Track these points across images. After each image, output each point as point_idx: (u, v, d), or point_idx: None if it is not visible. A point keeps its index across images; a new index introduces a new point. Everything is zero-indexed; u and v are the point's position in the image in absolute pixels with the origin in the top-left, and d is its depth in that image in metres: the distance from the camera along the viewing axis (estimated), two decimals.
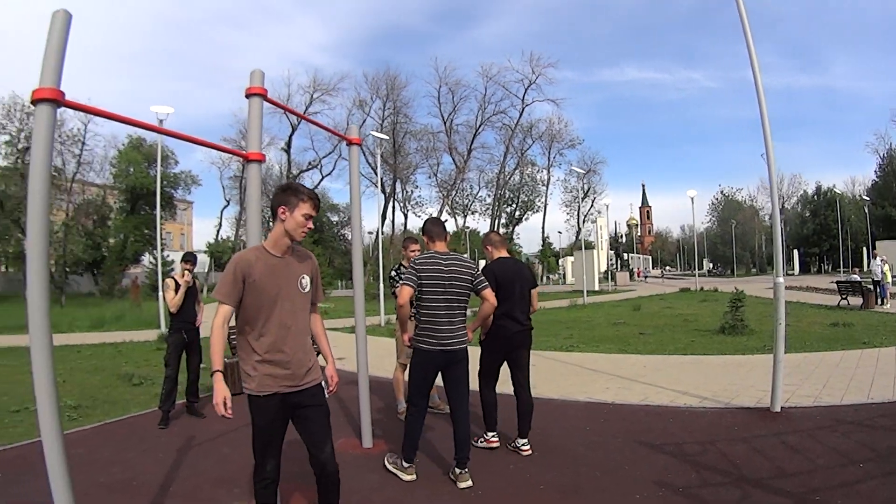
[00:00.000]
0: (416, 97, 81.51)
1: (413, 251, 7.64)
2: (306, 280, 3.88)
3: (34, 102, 3.02)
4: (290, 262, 3.81)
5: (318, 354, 4.05)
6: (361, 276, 6.62)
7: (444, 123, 55.47)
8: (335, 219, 76.96)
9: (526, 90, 53.43)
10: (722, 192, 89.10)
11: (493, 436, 6.36)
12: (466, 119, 58.17)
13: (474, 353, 5.74)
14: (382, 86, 55.67)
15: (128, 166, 48.09)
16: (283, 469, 3.93)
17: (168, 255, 45.81)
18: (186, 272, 8.15)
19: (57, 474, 3.10)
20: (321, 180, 61.73)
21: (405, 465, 5.39)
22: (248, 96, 4.54)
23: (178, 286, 8.05)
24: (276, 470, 3.83)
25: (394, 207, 60.29)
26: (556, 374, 10.28)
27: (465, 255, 6.75)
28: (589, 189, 70.30)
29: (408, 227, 70.29)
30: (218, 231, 67.09)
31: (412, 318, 5.60)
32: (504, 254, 6.51)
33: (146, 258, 50.89)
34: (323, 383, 3.98)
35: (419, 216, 69.45)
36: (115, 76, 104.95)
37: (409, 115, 56.64)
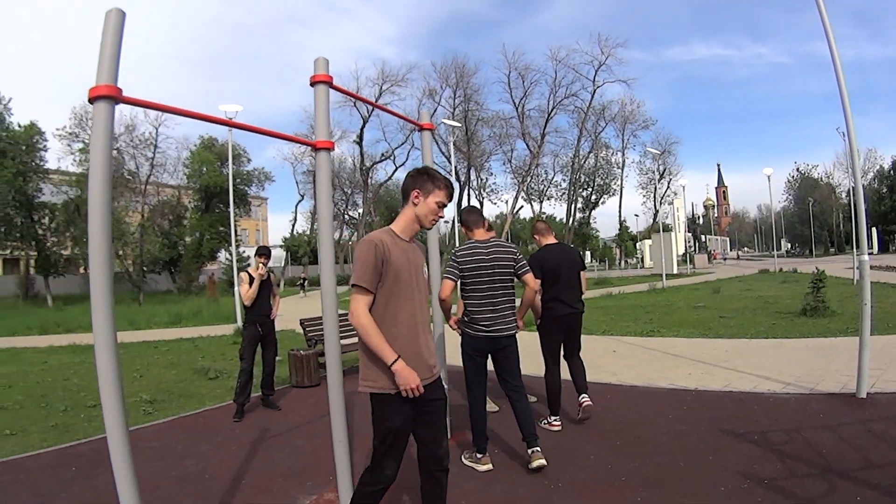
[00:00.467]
0: (486, 84, 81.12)
1: None
2: (426, 269, 3.72)
3: (92, 100, 2.97)
4: (416, 249, 3.66)
5: None
6: (438, 264, 6.29)
7: (516, 109, 54.65)
8: None
9: (596, 72, 52.33)
10: (798, 170, 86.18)
11: (555, 419, 6.55)
12: (538, 104, 57.29)
13: (525, 339, 5.90)
14: (452, 74, 55.28)
15: (200, 166, 48.75)
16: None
17: (244, 251, 46.82)
18: (261, 265, 8.18)
19: (121, 468, 2.95)
20: (394, 171, 61.65)
21: (479, 455, 5.40)
22: (313, 84, 4.37)
23: (251, 280, 8.06)
24: (396, 472, 3.49)
25: (468, 196, 60.01)
26: (639, 360, 10.23)
27: (506, 241, 6.71)
28: (664, 170, 68.75)
29: (484, 215, 70.12)
30: (293, 225, 67.76)
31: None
32: (551, 240, 6.80)
33: (222, 255, 52.07)
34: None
35: (495, 203, 69.41)
36: (190, 78, 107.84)
37: (479, 102, 56.08)
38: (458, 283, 5.46)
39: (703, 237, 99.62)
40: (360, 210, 62.26)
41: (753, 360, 9.45)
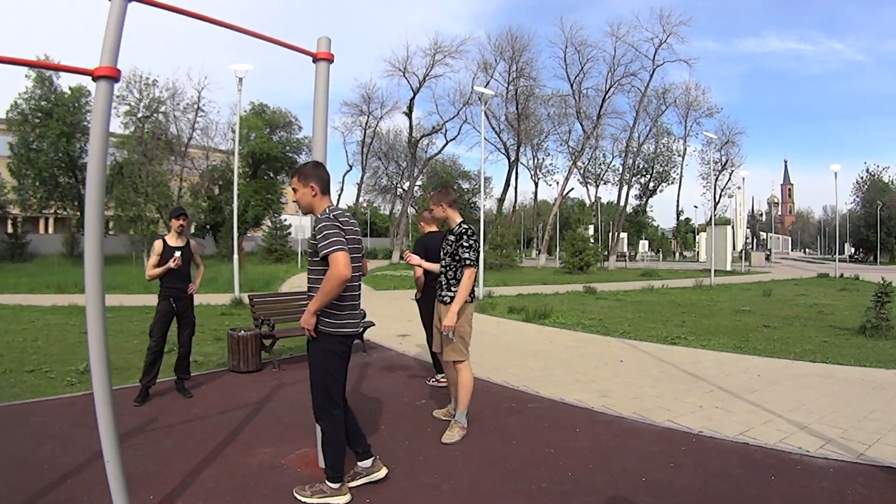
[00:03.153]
0: (540, 59, 78.03)
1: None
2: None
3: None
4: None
5: None
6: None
7: (571, 86, 51.63)
8: (466, 186, 75.26)
9: (657, 50, 48.63)
10: (868, 171, 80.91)
11: (441, 376, 7.40)
12: (595, 82, 54.37)
13: None
14: (507, 48, 52.50)
15: (248, 132, 48.17)
16: None
17: (285, 219, 46.04)
18: (180, 228, 7.18)
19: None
20: (445, 145, 59.17)
21: (334, 486, 4.32)
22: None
23: (165, 250, 6.99)
24: None
25: (517, 174, 57.50)
26: (644, 378, 8.16)
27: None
28: (727, 161, 64.61)
29: (538, 196, 67.96)
30: (339, 195, 66.42)
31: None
32: (433, 228, 7.62)
33: (266, 221, 51.78)
34: None
35: (550, 185, 67.00)
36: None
37: (534, 78, 52.76)
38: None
39: (763, 234, 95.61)
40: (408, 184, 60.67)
41: (790, 394, 7.26)
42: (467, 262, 5.58)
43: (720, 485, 4.51)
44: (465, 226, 5.80)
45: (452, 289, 5.72)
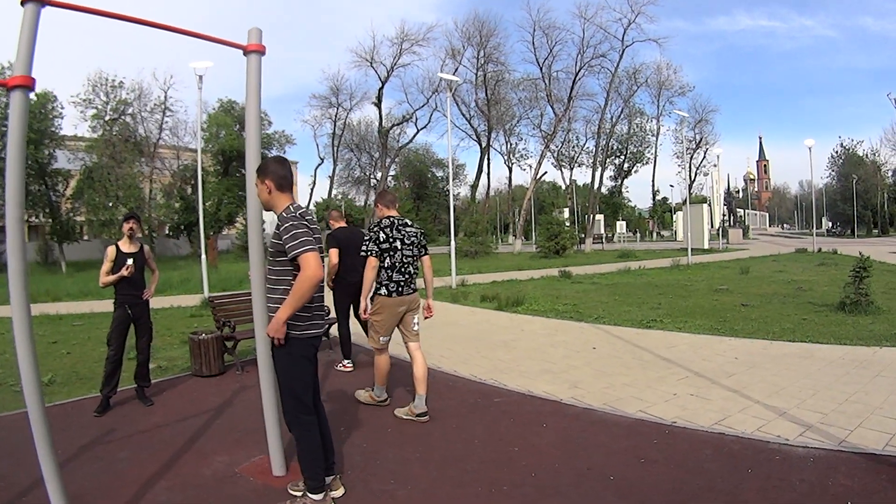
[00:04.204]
0: (509, 44, 77.35)
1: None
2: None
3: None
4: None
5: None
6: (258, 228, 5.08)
7: (541, 70, 51.34)
8: (440, 174, 74.90)
9: (626, 30, 48.20)
10: (842, 145, 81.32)
11: (347, 362, 8.34)
12: (565, 65, 53.99)
13: None
14: (475, 34, 51.93)
15: (218, 130, 47.86)
16: None
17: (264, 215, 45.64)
18: (130, 231, 6.96)
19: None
20: (416, 133, 59.30)
21: (315, 497, 4.13)
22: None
23: (118, 257, 6.80)
24: None
25: (489, 160, 57.33)
26: (617, 365, 7.86)
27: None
28: (701, 140, 64.75)
29: (512, 181, 67.64)
30: (312, 188, 65.92)
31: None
32: (342, 223, 8.27)
33: (240, 219, 51.22)
34: None
35: (524, 169, 66.77)
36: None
37: (503, 62, 52.49)
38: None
39: (740, 211, 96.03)
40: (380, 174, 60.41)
41: (769, 377, 6.98)
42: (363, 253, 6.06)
43: (693, 480, 4.21)
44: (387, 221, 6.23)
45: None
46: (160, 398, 7.10)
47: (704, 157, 66.38)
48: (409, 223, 6.36)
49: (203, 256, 18.65)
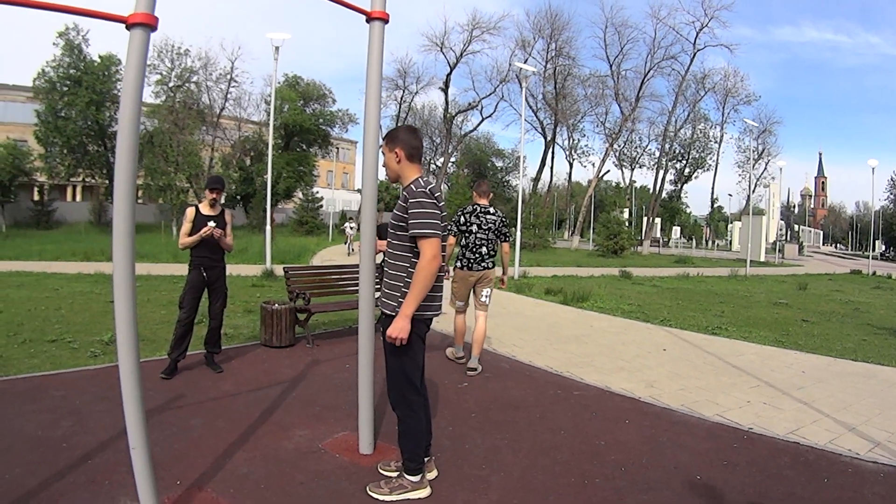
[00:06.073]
0: (580, 39, 76.49)
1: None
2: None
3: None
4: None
5: None
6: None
7: (611, 67, 50.84)
8: (500, 164, 74.62)
9: (698, 33, 47.55)
10: None
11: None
12: (635, 64, 53.59)
13: None
14: (546, 26, 51.41)
15: (282, 104, 47.83)
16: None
17: (317, 192, 45.95)
18: (213, 201, 6.89)
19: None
20: (481, 122, 59.10)
21: (413, 479, 4.04)
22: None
23: (197, 217, 6.69)
24: None
25: (553, 154, 56.92)
26: (689, 368, 8.01)
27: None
28: (763, 150, 63.26)
29: (572, 176, 67.18)
30: None
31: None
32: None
33: (298, 194, 51.94)
34: None
35: (584, 166, 66.43)
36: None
37: (573, 57, 52.09)
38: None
39: (796, 227, 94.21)
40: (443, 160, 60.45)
41: (836, 393, 7.08)
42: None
43: (775, 487, 4.39)
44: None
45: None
46: (228, 366, 7.08)
47: (766, 168, 64.86)
48: (493, 211, 7.37)
49: (268, 227, 18.99)
